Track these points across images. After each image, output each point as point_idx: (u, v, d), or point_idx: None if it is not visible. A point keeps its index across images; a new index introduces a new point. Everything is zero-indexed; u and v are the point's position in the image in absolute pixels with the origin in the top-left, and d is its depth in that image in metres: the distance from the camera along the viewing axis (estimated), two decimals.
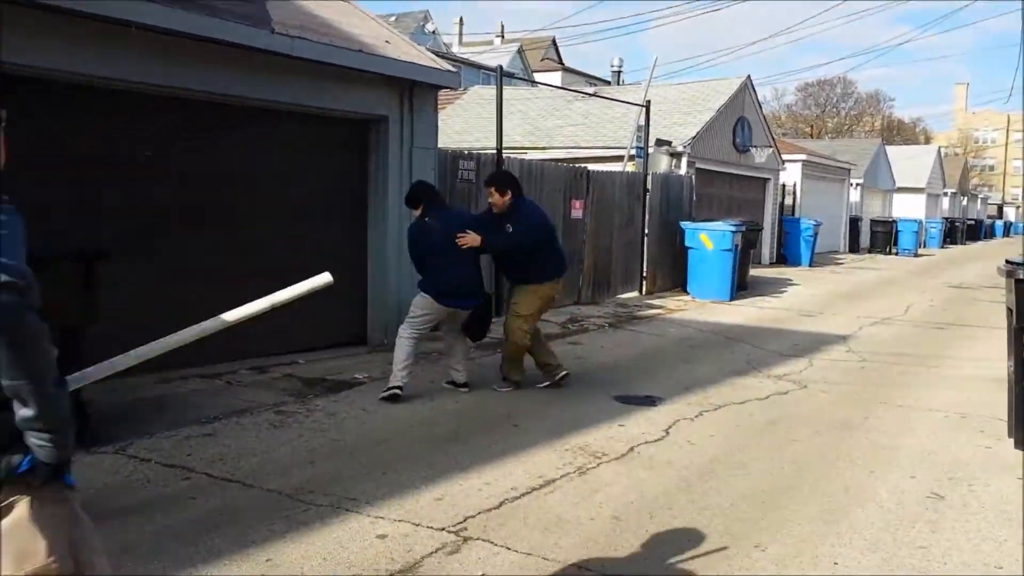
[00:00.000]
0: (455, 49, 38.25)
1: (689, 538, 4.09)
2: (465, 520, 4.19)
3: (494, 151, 10.36)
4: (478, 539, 3.96)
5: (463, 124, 20.30)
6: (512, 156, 11.73)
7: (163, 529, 3.89)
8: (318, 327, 8.13)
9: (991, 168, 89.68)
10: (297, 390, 6.65)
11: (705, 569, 3.76)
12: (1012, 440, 5.81)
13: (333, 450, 5.22)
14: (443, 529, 4.06)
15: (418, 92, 8.65)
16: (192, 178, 7.09)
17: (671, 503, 4.55)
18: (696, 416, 6.35)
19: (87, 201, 6.35)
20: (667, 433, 5.87)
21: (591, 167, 13.13)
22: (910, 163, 39.83)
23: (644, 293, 13.96)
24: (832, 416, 6.52)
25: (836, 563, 3.88)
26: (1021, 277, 5.46)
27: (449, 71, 8.96)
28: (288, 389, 6.67)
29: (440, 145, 10.22)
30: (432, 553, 3.78)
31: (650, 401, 6.62)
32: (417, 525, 4.09)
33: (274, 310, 2.73)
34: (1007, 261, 5.66)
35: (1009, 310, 5.67)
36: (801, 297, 14.83)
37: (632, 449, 5.47)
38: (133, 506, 4.15)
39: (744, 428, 6.11)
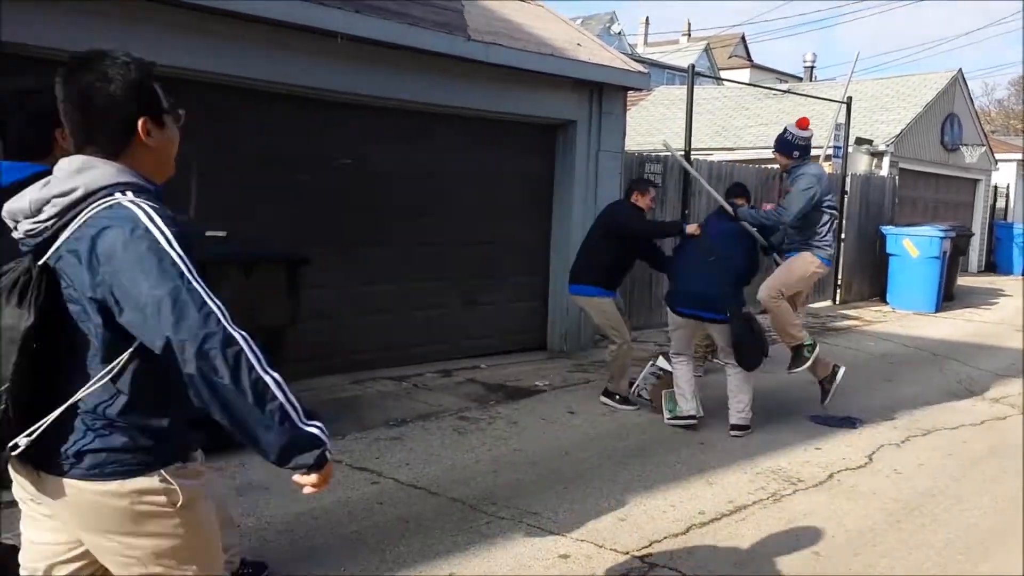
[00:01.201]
0: (640, 49, 37.91)
1: None
2: (651, 544, 4.01)
3: (681, 152, 10.06)
4: (664, 567, 3.77)
5: (648, 125, 20.00)
6: (699, 158, 11.39)
7: (351, 535, 3.94)
8: (502, 332, 8.17)
9: None
10: (479, 396, 6.66)
11: None
12: None
13: (515, 460, 5.16)
14: (627, 553, 3.90)
15: (607, 94, 8.51)
16: (386, 182, 7.27)
17: (877, 539, 4.18)
18: (903, 442, 5.87)
19: (290, 204, 6.62)
20: (870, 460, 5.45)
21: None
22: None
23: (838, 303, 13.20)
24: None
25: None
26: None
27: (640, 72, 8.77)
28: (471, 395, 6.69)
29: (629, 147, 10.07)
30: None
31: (850, 423, 6.17)
32: (600, 547, 3.95)
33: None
34: None
35: None
36: (1014, 309, 13.56)
37: (831, 476, 5.09)
38: (323, 508, 4.24)
39: (957, 457, 5.58)
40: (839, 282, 13.26)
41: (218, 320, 1.76)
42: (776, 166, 8.24)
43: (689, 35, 41.37)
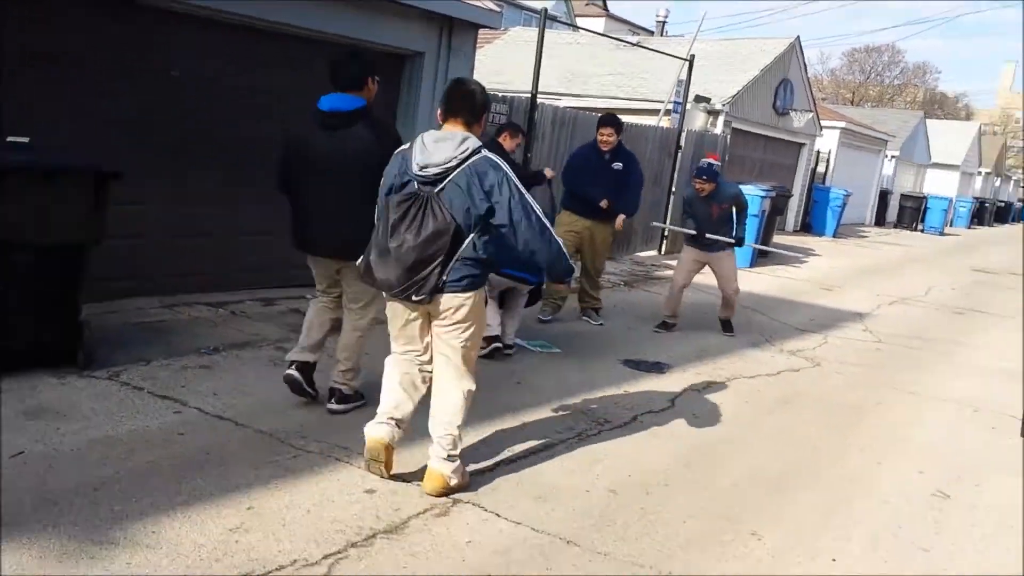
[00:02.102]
0: None
1: (685, 519, 3.97)
2: None
3: (528, 94, 10.09)
4: (468, 503, 3.85)
5: (499, 65, 19.89)
6: (546, 103, 11.44)
7: (146, 465, 3.80)
8: None
9: None
10: (300, 326, 6.51)
11: (699, 555, 3.65)
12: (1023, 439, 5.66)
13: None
14: None
15: (458, 29, 8.36)
16: (218, 99, 6.91)
17: (670, 479, 4.43)
18: (704, 388, 6.21)
19: (110, 114, 6.19)
20: (672, 404, 5.74)
21: (625, 119, 12.80)
22: (948, 139, 38.98)
23: (663, 253, 13.73)
24: (843, 398, 6.36)
25: (834, 560, 3.76)
26: None
27: (492, 10, 8.66)
28: (293, 325, 6.53)
29: None
30: (420, 514, 3.68)
31: (658, 368, 6.47)
32: (408, 482, 3.98)
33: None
34: None
35: None
36: (822, 269, 14.57)
37: (635, 418, 5.33)
38: (118, 437, 4.06)
39: (752, 405, 5.97)
40: (666, 233, 13.77)
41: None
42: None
43: None
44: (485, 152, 3.70)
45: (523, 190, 3.72)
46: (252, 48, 7.06)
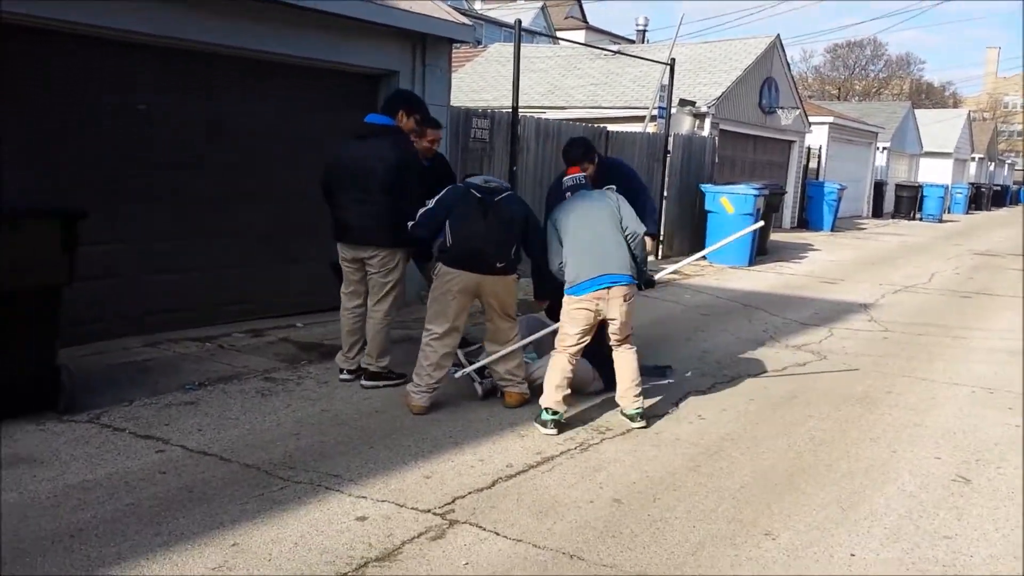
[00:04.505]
0: (477, 6, 37.56)
1: (695, 524, 3.78)
2: (454, 501, 3.90)
3: (510, 110, 9.96)
4: (465, 523, 3.67)
5: (481, 82, 19.85)
6: (529, 115, 11.32)
7: (126, 508, 3.62)
8: (321, 288, 7.82)
9: (1019, 134, 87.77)
10: (291, 356, 6.37)
11: (710, 560, 3.46)
12: None
13: (321, 421, 4.93)
14: (428, 511, 3.77)
15: (431, 46, 8.26)
16: (190, 131, 6.80)
17: (677, 484, 4.24)
18: (708, 388, 6.03)
19: (76, 153, 6.07)
20: (676, 407, 5.56)
21: (612, 128, 12.70)
22: (939, 127, 38.93)
23: (660, 257, 13.56)
24: (852, 390, 6.18)
25: (853, 554, 3.57)
26: None
27: (464, 24, 8.54)
28: (282, 355, 6.39)
29: (458, 103, 9.86)
30: (414, 538, 3.50)
31: (660, 372, 6.28)
32: (401, 506, 3.80)
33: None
34: None
35: None
36: (822, 263, 14.39)
37: None
38: (97, 481, 3.88)
39: (759, 402, 5.78)
40: (662, 238, 13.61)
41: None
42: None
43: None
44: None
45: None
46: (216, 76, 6.95)
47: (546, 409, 4.95)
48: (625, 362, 5.21)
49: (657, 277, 6.06)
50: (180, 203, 6.82)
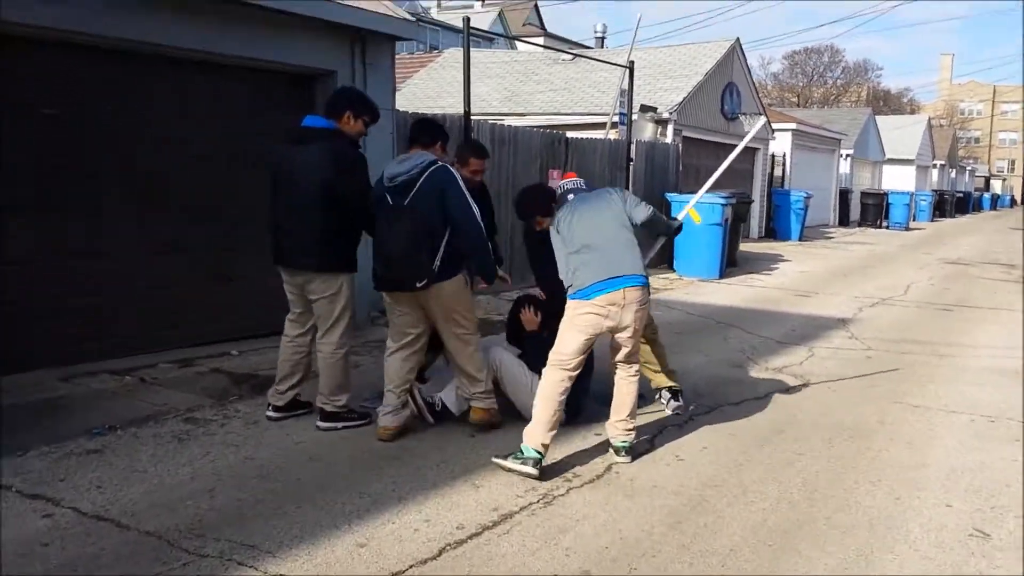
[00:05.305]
0: (434, 13, 37.00)
1: None
2: None
3: (462, 115, 9.33)
4: None
5: (437, 88, 19.25)
6: (484, 121, 10.71)
7: None
8: (259, 311, 7.12)
9: (976, 140, 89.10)
10: (220, 390, 5.68)
11: None
12: None
13: (243, 473, 4.25)
14: None
15: (372, 43, 7.62)
16: (105, 137, 6.11)
17: (656, 548, 3.62)
18: (686, 421, 5.44)
19: None
20: (652, 445, 4.95)
21: (572, 135, 12.13)
22: (899, 133, 39.03)
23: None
24: (842, 419, 5.62)
25: None
26: None
27: (407, 20, 7.92)
28: (210, 389, 5.70)
29: (414, 110, 9.24)
30: None
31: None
32: None
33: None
34: None
35: None
36: (794, 275, 13.93)
37: (610, 468, 4.53)
38: None
39: (741, 437, 5.19)
40: None
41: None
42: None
43: (483, 0, 40.81)
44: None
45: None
46: (133, 77, 6.26)
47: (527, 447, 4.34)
48: (627, 388, 4.67)
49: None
50: (96, 216, 6.12)
